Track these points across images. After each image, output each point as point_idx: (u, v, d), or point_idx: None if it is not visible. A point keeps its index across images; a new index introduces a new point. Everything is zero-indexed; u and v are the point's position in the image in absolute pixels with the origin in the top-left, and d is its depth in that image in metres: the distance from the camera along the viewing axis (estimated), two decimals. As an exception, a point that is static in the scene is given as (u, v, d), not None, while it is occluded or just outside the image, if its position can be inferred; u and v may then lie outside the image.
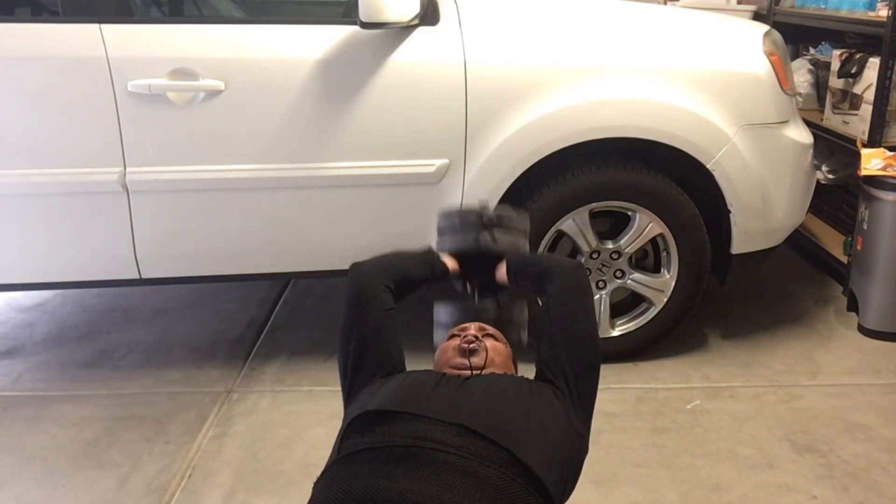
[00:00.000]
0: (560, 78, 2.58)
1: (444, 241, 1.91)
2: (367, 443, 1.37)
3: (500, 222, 1.86)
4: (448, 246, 1.89)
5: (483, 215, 1.87)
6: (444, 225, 1.93)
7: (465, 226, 1.87)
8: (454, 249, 1.88)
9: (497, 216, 1.87)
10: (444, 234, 1.92)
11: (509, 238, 1.85)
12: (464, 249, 1.85)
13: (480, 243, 1.82)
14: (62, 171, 2.52)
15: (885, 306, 3.08)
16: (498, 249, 1.83)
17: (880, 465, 2.34)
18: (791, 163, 2.80)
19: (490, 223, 1.85)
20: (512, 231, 1.87)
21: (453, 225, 1.90)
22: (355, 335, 1.67)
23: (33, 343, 3.17)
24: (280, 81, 2.51)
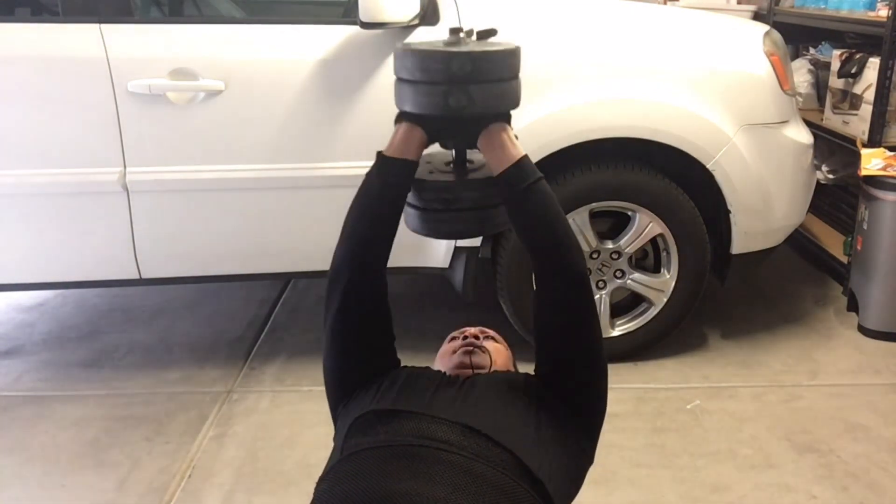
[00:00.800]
0: (560, 78, 2.58)
1: (403, 94, 1.45)
2: (371, 442, 1.37)
3: (476, 72, 1.37)
4: (407, 104, 1.44)
5: (452, 61, 1.35)
6: (402, 72, 1.44)
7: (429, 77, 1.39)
8: (415, 109, 1.44)
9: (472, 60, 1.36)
10: (403, 84, 1.45)
11: (492, 91, 1.39)
12: (427, 111, 1.42)
13: (450, 104, 1.37)
14: (62, 171, 2.52)
15: (885, 306, 3.08)
16: (476, 111, 1.39)
17: (880, 465, 2.34)
18: (791, 163, 2.80)
19: (463, 74, 1.36)
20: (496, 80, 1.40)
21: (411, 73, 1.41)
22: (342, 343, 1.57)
23: (33, 343, 3.17)
24: (280, 81, 2.51)
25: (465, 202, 1.51)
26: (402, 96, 1.46)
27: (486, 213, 1.52)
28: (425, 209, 1.52)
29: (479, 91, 1.38)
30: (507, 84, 1.43)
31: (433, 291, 3.46)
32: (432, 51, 1.40)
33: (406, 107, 1.46)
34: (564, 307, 1.48)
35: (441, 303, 3.36)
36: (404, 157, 1.49)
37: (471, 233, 1.63)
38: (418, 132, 1.49)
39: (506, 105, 1.46)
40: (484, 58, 1.38)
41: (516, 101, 1.49)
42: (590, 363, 1.51)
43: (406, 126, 1.50)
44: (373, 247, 1.51)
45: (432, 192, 1.49)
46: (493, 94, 1.41)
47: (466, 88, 1.37)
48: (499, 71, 1.41)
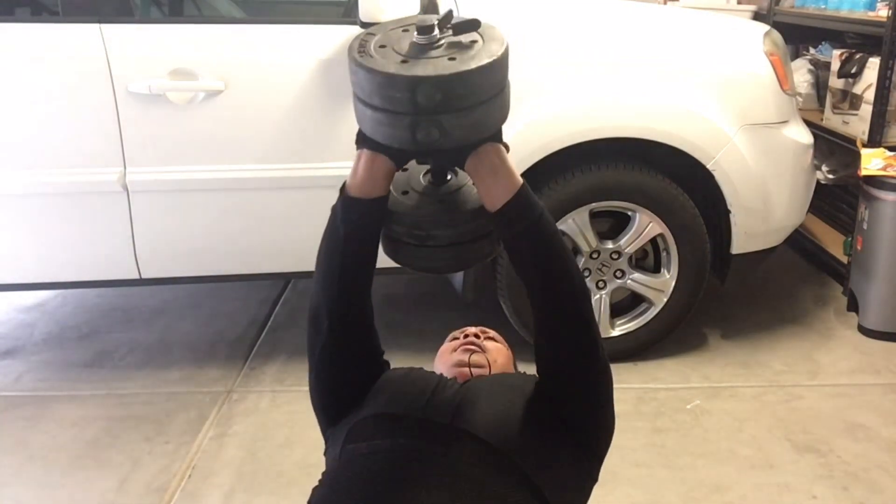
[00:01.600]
0: (560, 78, 2.58)
1: (363, 117, 1.15)
2: (369, 447, 1.35)
3: (447, 99, 1.05)
4: (369, 130, 1.15)
5: (418, 89, 1.04)
6: (358, 91, 1.13)
7: (390, 106, 1.08)
8: (378, 138, 1.15)
9: (440, 89, 1.05)
10: (363, 106, 1.14)
11: (470, 120, 1.09)
12: (393, 144, 1.14)
13: (418, 138, 1.08)
14: (62, 171, 2.52)
15: (885, 306, 3.08)
16: (450, 144, 1.10)
17: (880, 465, 2.34)
18: (791, 163, 2.80)
19: (431, 105, 1.05)
20: (473, 106, 1.08)
21: (371, 100, 1.10)
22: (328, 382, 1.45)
23: (33, 343, 3.17)
24: (280, 81, 2.51)
25: (441, 239, 1.27)
26: (362, 117, 1.16)
27: (467, 247, 1.28)
28: (397, 241, 1.30)
29: (453, 122, 1.08)
30: (489, 104, 1.13)
31: (433, 291, 3.46)
32: (391, 75, 1.06)
33: (366, 130, 1.17)
34: (570, 350, 1.36)
35: (441, 303, 3.36)
36: (371, 196, 1.26)
37: (451, 269, 1.41)
38: (382, 161, 1.24)
39: (489, 129, 1.18)
40: (457, 82, 1.05)
41: (503, 116, 1.22)
42: (595, 395, 1.44)
43: (368, 155, 1.24)
44: (351, 285, 1.35)
45: (403, 227, 1.25)
46: (472, 124, 1.11)
47: (438, 119, 1.07)
48: (478, 94, 1.10)
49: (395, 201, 1.26)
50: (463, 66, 1.07)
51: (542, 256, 1.28)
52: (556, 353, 1.38)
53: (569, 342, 1.36)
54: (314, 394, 1.49)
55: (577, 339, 1.35)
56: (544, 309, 1.34)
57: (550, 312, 1.33)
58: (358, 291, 1.37)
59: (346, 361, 1.44)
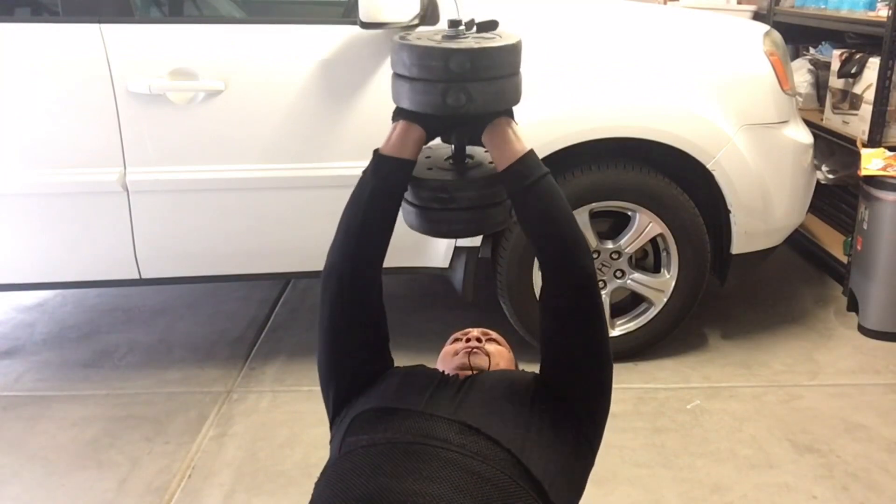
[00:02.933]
0: (560, 78, 2.58)
1: (400, 90, 1.39)
2: (370, 440, 1.36)
3: (475, 70, 1.31)
4: (405, 101, 1.39)
5: (451, 59, 1.30)
6: (399, 68, 1.38)
7: (427, 73, 1.34)
8: (413, 107, 1.39)
9: (471, 58, 1.30)
10: (400, 80, 1.39)
11: (492, 89, 1.34)
12: (426, 109, 1.37)
13: (449, 102, 1.32)
14: (62, 171, 2.52)
15: (885, 306, 3.08)
16: (475, 109, 1.34)
17: (880, 465, 2.34)
18: (791, 163, 2.80)
19: (462, 72, 1.30)
20: (496, 78, 1.34)
21: (408, 69, 1.35)
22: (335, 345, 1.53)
23: (33, 343, 3.17)
24: (280, 81, 2.51)
25: (462, 202, 1.46)
26: (399, 93, 1.40)
27: (484, 212, 1.48)
28: (423, 207, 1.48)
29: (478, 89, 1.32)
30: (507, 80, 1.38)
31: (433, 291, 3.46)
32: (430, 47, 1.32)
33: (403, 104, 1.40)
34: (571, 309, 1.45)
35: (441, 303, 3.36)
36: (401, 157, 1.44)
37: (469, 232, 1.59)
38: (416, 130, 1.45)
39: (507, 102, 1.42)
40: (483, 54, 1.32)
41: (517, 97, 1.45)
42: (596, 366, 1.49)
43: (403, 124, 1.46)
44: (367, 246, 1.48)
45: (429, 191, 1.44)
46: (494, 92, 1.35)
47: (466, 87, 1.31)
48: (499, 68, 1.35)
49: (421, 172, 1.46)
50: (488, 45, 1.34)
51: (546, 210, 1.41)
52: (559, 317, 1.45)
53: (573, 302, 1.43)
54: (322, 369, 1.55)
55: (581, 298, 1.43)
56: (549, 265, 1.44)
57: (555, 269, 1.43)
58: (373, 254, 1.47)
59: (353, 327, 1.51)
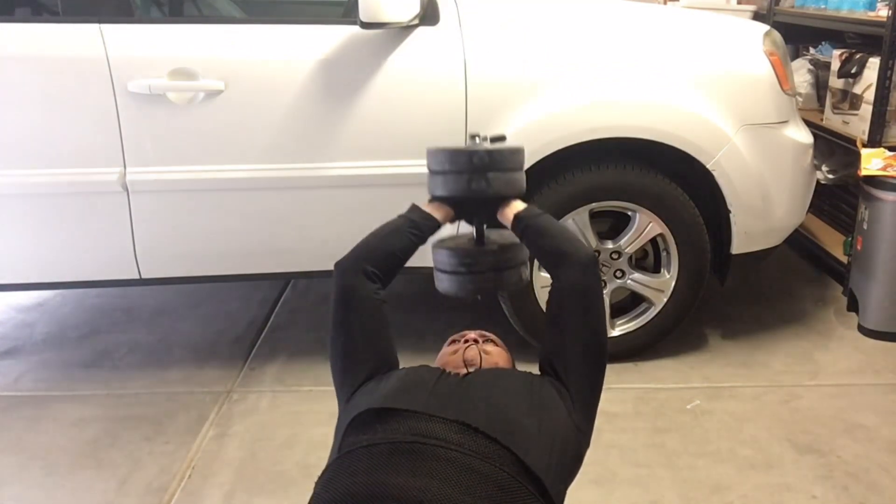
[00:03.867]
0: (560, 78, 2.58)
1: (435, 183, 1.80)
2: (369, 440, 1.38)
3: (492, 163, 1.73)
4: (439, 190, 1.79)
5: (473, 156, 1.73)
6: (433, 165, 1.80)
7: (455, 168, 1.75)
8: (445, 194, 1.78)
9: (489, 155, 1.73)
10: (435, 176, 1.80)
11: (504, 178, 1.74)
12: (455, 194, 1.75)
13: (472, 188, 1.71)
14: (62, 171, 2.52)
15: (885, 306, 3.08)
16: (493, 192, 1.73)
17: (880, 465, 2.34)
18: (791, 163, 2.80)
19: (482, 165, 1.72)
20: (506, 170, 1.76)
21: (442, 167, 1.77)
22: (343, 334, 1.63)
23: (33, 343, 3.17)
24: (280, 81, 2.51)
25: (483, 265, 1.80)
26: (434, 184, 1.79)
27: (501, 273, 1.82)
28: (453, 272, 1.82)
29: (494, 177, 1.72)
30: (515, 174, 1.78)
31: (433, 291, 3.45)
32: (459, 148, 1.78)
33: (437, 192, 1.79)
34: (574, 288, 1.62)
35: (441, 303, 3.35)
36: (431, 215, 1.78)
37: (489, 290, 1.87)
38: (446, 208, 1.80)
39: (515, 190, 1.78)
40: (497, 152, 1.75)
41: (523, 188, 1.81)
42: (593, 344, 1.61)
43: (437, 202, 1.81)
44: (380, 260, 1.69)
45: (458, 258, 1.81)
46: (505, 180, 1.75)
47: (485, 175, 1.72)
48: (509, 163, 1.76)
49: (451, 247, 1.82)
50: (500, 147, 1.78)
51: (545, 229, 1.72)
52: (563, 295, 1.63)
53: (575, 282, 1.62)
54: (332, 352, 1.65)
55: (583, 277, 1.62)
56: (554, 265, 1.66)
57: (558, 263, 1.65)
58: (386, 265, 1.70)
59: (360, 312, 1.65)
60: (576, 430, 1.52)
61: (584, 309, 1.60)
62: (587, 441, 1.57)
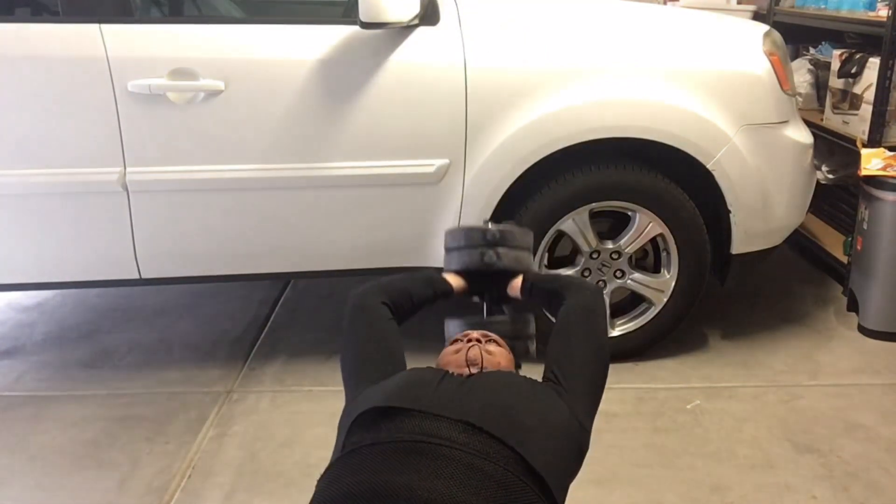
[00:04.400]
0: (560, 78, 2.58)
1: (451, 259, 1.98)
2: (373, 438, 1.38)
3: (503, 239, 1.91)
4: (454, 264, 1.96)
5: (486, 233, 1.92)
6: (451, 244, 1.98)
7: (470, 244, 1.93)
8: (460, 267, 1.95)
9: (500, 233, 1.92)
10: (451, 252, 1.98)
11: (513, 254, 1.92)
12: (469, 267, 1.92)
13: (485, 260, 1.89)
14: (62, 171, 2.52)
15: (885, 306, 3.08)
16: (503, 265, 1.89)
17: (880, 465, 2.34)
18: (791, 163, 2.80)
19: (494, 240, 1.91)
20: (515, 248, 1.93)
21: (458, 243, 1.95)
22: (356, 345, 1.69)
23: (33, 343, 3.17)
24: (280, 81, 2.51)
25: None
26: (450, 260, 1.97)
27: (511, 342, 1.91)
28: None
29: (504, 252, 1.90)
30: (522, 251, 1.94)
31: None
32: (474, 226, 1.98)
33: (452, 266, 1.96)
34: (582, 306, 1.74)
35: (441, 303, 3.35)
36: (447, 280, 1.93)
37: None
38: (460, 280, 1.94)
39: (522, 266, 1.93)
40: (508, 231, 1.95)
41: (531, 265, 1.97)
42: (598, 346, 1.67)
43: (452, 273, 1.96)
44: (395, 295, 1.81)
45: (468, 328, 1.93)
46: (514, 256, 1.92)
47: (497, 249, 1.90)
48: (517, 241, 1.94)
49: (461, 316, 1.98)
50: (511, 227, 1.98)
51: (553, 281, 1.95)
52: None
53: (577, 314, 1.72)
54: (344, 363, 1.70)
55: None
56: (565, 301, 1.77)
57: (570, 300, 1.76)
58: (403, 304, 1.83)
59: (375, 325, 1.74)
60: (578, 430, 1.52)
61: (589, 324, 1.68)
62: (588, 440, 1.58)
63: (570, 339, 1.65)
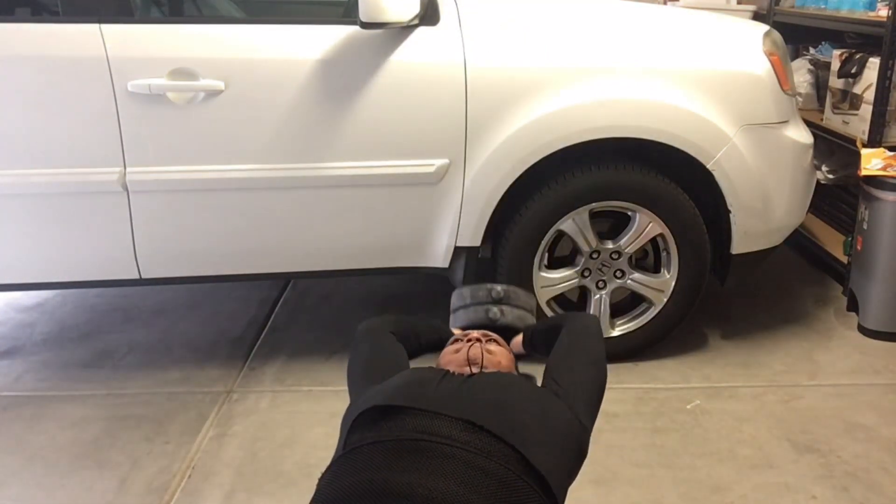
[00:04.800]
0: (560, 78, 2.58)
1: (457, 317, 2.05)
2: (374, 437, 1.38)
3: (507, 298, 2.00)
4: (460, 322, 2.03)
5: (492, 291, 2.01)
6: (457, 303, 2.06)
7: (476, 301, 2.01)
8: (465, 324, 2.00)
9: (505, 292, 2.01)
10: (457, 311, 2.05)
11: (517, 312, 2.00)
12: (474, 322, 1.98)
13: (489, 316, 1.97)
14: (62, 171, 2.52)
15: (885, 306, 3.08)
16: (506, 322, 1.96)
17: (880, 465, 2.34)
18: (791, 163, 2.80)
19: (498, 299, 2.00)
20: (519, 307, 2.01)
21: (464, 301, 2.03)
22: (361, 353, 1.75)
23: (33, 343, 3.17)
24: (280, 81, 2.51)
25: None
26: (456, 318, 2.04)
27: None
28: None
29: (508, 309, 1.98)
30: (526, 312, 2.02)
31: (433, 291, 3.46)
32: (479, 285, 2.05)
33: (458, 323, 2.02)
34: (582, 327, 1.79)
35: (441, 303, 3.35)
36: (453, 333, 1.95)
37: None
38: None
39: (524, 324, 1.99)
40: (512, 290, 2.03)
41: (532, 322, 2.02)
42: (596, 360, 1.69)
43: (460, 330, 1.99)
44: (402, 329, 1.90)
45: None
46: (517, 315, 1.99)
47: (501, 307, 1.98)
48: (521, 301, 2.02)
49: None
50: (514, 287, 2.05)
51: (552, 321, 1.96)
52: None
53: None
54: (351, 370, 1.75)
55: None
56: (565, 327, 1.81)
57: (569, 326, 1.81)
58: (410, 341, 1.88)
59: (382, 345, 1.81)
60: (578, 429, 1.52)
61: (586, 342, 1.73)
62: (588, 441, 1.58)
63: (569, 353, 1.69)
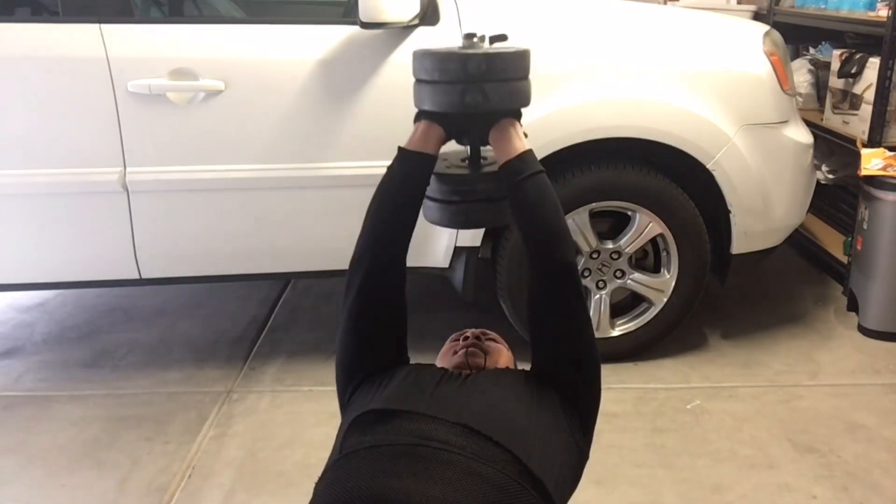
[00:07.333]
0: (559, 78, 2.58)
1: (422, 94, 1.54)
2: (371, 441, 1.37)
3: (491, 70, 1.46)
4: (426, 103, 1.53)
5: (468, 62, 1.45)
6: (421, 74, 1.53)
7: (446, 77, 1.47)
8: (433, 109, 1.53)
9: (487, 60, 1.45)
10: (422, 84, 1.54)
11: (505, 89, 1.48)
12: (445, 110, 1.51)
13: (467, 102, 1.46)
14: (62, 171, 2.52)
15: (885, 306, 3.08)
16: (491, 107, 1.48)
17: (880, 465, 2.34)
18: (791, 163, 2.80)
19: (479, 73, 1.45)
20: (508, 79, 1.49)
21: (431, 75, 1.50)
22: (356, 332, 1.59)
23: (33, 343, 3.17)
24: (280, 81, 2.51)
25: (479, 193, 1.59)
26: (421, 96, 1.55)
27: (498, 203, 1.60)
28: (444, 201, 1.60)
29: (493, 89, 1.47)
30: (518, 83, 1.53)
31: (433, 291, 3.46)
32: (451, 52, 1.49)
33: (425, 106, 1.54)
34: (553, 299, 1.53)
35: (441, 303, 3.36)
36: (423, 151, 1.58)
37: (487, 222, 1.70)
38: (436, 129, 1.59)
39: (518, 103, 1.55)
40: (497, 58, 1.48)
41: (527, 99, 1.58)
42: (581, 356, 1.55)
43: (425, 123, 1.60)
44: (393, 234, 1.58)
45: (449, 185, 1.58)
46: (506, 92, 1.50)
47: (482, 87, 1.46)
48: (511, 70, 1.51)
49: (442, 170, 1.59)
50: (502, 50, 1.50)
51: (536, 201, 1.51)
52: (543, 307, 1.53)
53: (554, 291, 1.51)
54: (340, 348, 1.59)
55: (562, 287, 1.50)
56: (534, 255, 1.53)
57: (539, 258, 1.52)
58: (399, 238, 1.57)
59: (376, 305, 1.57)
60: (579, 430, 1.51)
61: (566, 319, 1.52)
62: (587, 452, 1.56)
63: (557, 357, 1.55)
